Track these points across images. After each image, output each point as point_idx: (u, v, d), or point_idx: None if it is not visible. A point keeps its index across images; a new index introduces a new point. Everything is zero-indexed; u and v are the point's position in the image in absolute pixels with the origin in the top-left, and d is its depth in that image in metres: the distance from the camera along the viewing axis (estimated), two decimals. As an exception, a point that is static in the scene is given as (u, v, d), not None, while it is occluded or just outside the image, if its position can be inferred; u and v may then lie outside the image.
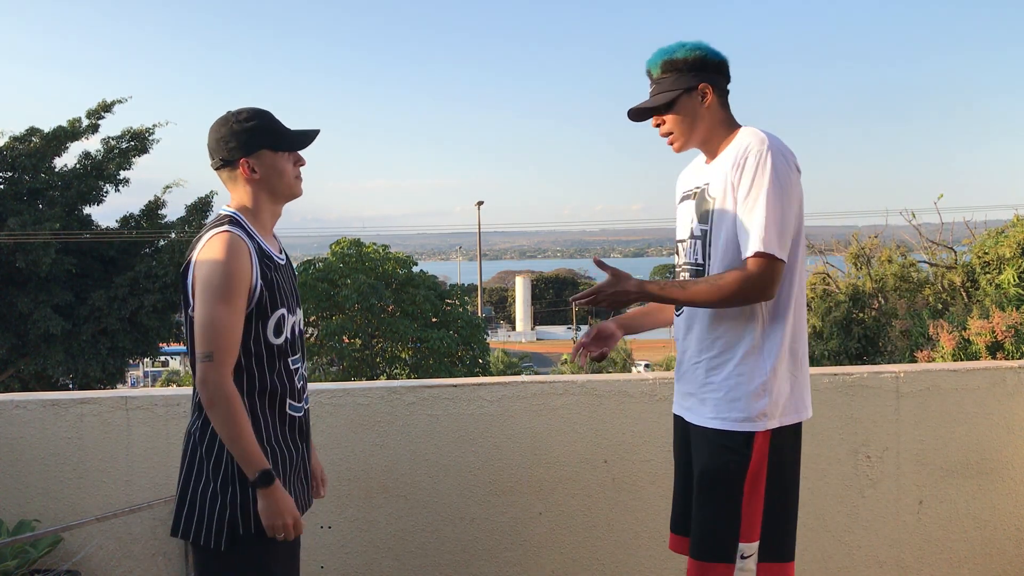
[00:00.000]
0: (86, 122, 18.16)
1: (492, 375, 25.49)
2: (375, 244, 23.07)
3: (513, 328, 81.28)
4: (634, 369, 40.94)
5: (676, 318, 2.29)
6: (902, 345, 8.11)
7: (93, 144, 18.72)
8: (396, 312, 21.60)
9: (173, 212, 19.26)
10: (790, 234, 2.05)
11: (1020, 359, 5.19)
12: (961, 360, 5.76)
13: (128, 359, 19.21)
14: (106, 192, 18.55)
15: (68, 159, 18.47)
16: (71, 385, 18.31)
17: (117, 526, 2.96)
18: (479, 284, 41.47)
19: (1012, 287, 7.21)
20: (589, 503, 3.10)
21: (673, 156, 2.28)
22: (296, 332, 2.09)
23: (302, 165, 2.10)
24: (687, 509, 2.25)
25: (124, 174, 18.52)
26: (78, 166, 18.29)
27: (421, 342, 21.31)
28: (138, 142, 18.58)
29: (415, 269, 23.26)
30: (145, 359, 25.02)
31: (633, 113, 2.24)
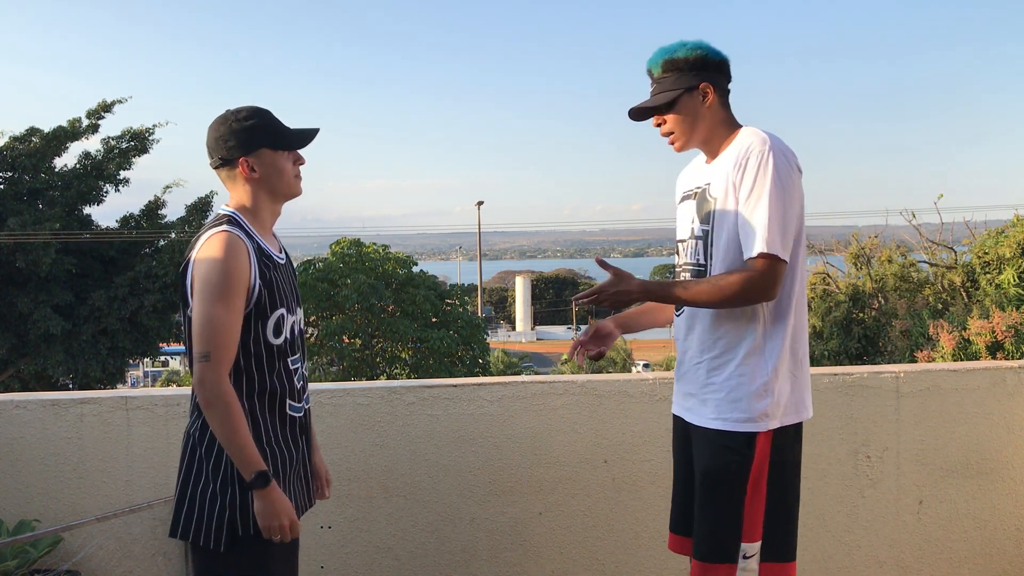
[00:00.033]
0: (86, 122, 18.16)
1: (492, 375, 25.49)
2: (375, 244, 23.08)
3: (513, 328, 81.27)
4: (633, 369, 40.94)
5: (676, 318, 2.29)
6: (902, 345, 8.11)
7: (93, 144, 18.75)
8: (396, 312, 21.61)
9: (173, 212, 19.29)
10: (792, 234, 2.05)
11: (1020, 359, 5.19)
12: (961, 360, 5.76)
13: (128, 359, 19.20)
14: (106, 192, 18.55)
15: (68, 159, 18.51)
16: (71, 385, 18.30)
17: (117, 526, 2.96)
18: (479, 284, 41.46)
19: (1012, 287, 7.21)
20: (589, 503, 3.10)
21: (673, 156, 2.27)
22: (296, 332, 2.08)
23: (302, 164, 2.09)
24: (687, 509, 2.25)
25: (124, 174, 18.53)
26: (78, 166, 18.28)
27: (421, 342, 21.32)
28: (138, 142, 18.57)
29: (415, 269, 23.27)
30: (145, 359, 25.02)
31: (634, 112, 2.24)
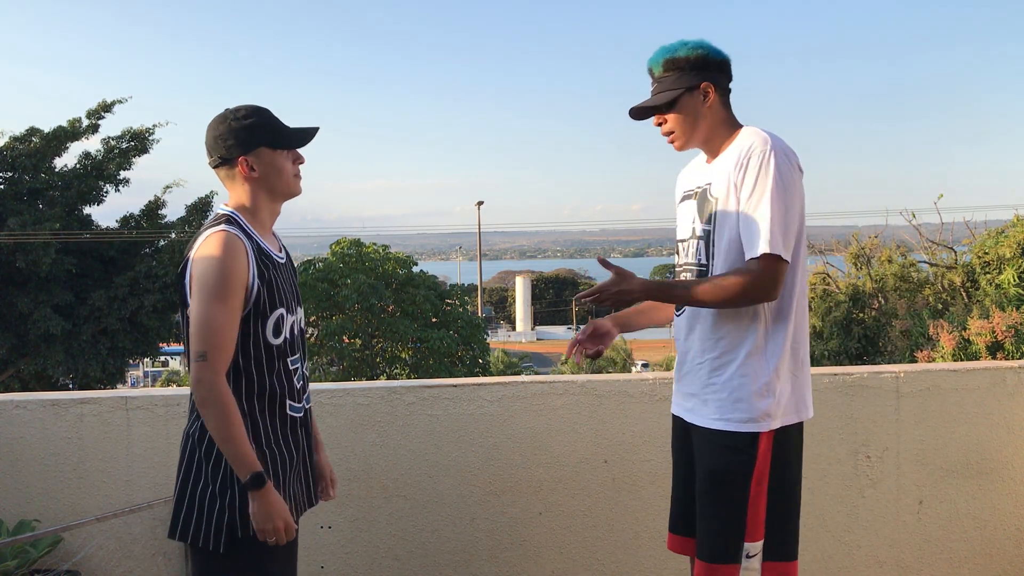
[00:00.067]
0: (86, 122, 18.16)
1: (492, 375, 25.48)
2: (375, 244, 23.08)
3: (513, 328, 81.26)
4: (633, 369, 40.94)
5: (676, 318, 2.28)
6: (902, 345, 8.11)
7: (93, 144, 18.73)
8: (396, 312, 21.61)
9: (173, 212, 19.30)
10: (793, 234, 2.05)
11: (1020, 359, 5.19)
12: (961, 360, 5.76)
13: (128, 359, 19.21)
14: (106, 192, 18.55)
15: (68, 159, 18.51)
16: (71, 385, 18.30)
17: (117, 526, 2.96)
18: (479, 284, 41.46)
19: (1012, 287, 7.21)
20: (589, 503, 3.10)
21: (673, 156, 2.27)
22: (296, 332, 2.07)
23: (301, 163, 2.07)
24: (686, 509, 2.25)
25: (124, 174, 18.53)
26: (78, 166, 18.28)
27: (421, 342, 21.33)
28: (138, 142, 18.58)
29: (415, 269, 23.28)
30: (145, 359, 25.02)
31: (635, 112, 2.24)
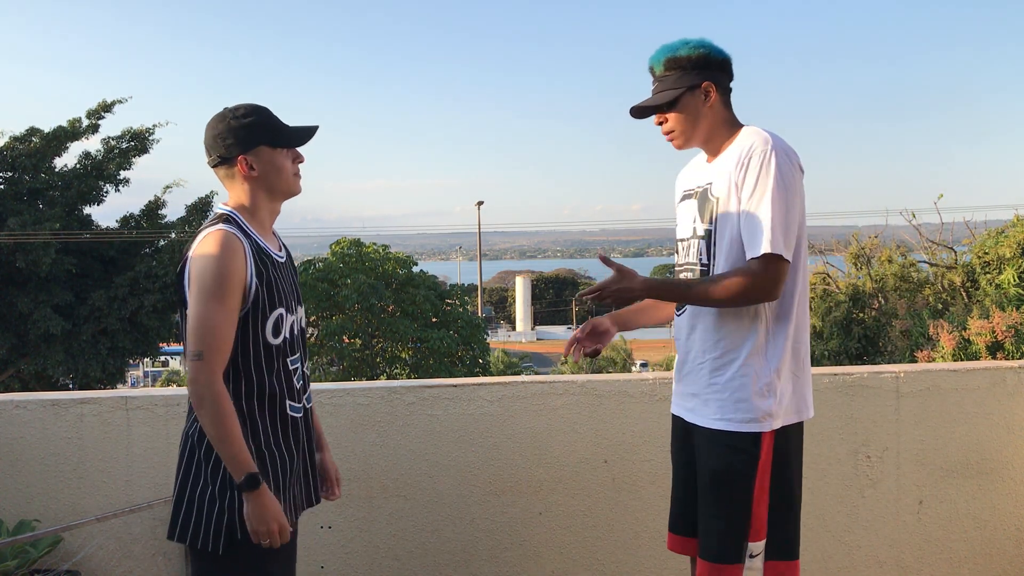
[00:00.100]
0: (86, 122, 18.15)
1: (492, 375, 25.49)
2: (375, 244, 23.09)
3: (513, 328, 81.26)
4: (632, 369, 40.94)
5: (677, 318, 2.28)
6: (902, 345, 8.11)
7: (93, 144, 18.74)
8: (396, 312, 21.62)
9: (173, 212, 19.29)
10: (794, 234, 2.05)
11: (1020, 359, 5.19)
12: (961, 360, 5.76)
13: (128, 359, 19.20)
14: (106, 192, 18.55)
15: (68, 159, 18.51)
16: (71, 385, 18.30)
17: (117, 526, 2.95)
18: (479, 284, 41.46)
19: (1012, 287, 7.21)
20: (589, 503, 3.10)
21: (673, 156, 2.28)
22: (296, 331, 2.06)
23: (301, 162, 2.06)
24: (686, 509, 2.25)
25: (124, 174, 18.53)
26: (78, 166, 18.28)
27: (421, 342, 21.33)
28: (138, 142, 18.58)
29: (415, 269, 23.29)
30: (145, 359, 25.01)
31: (635, 111, 2.23)
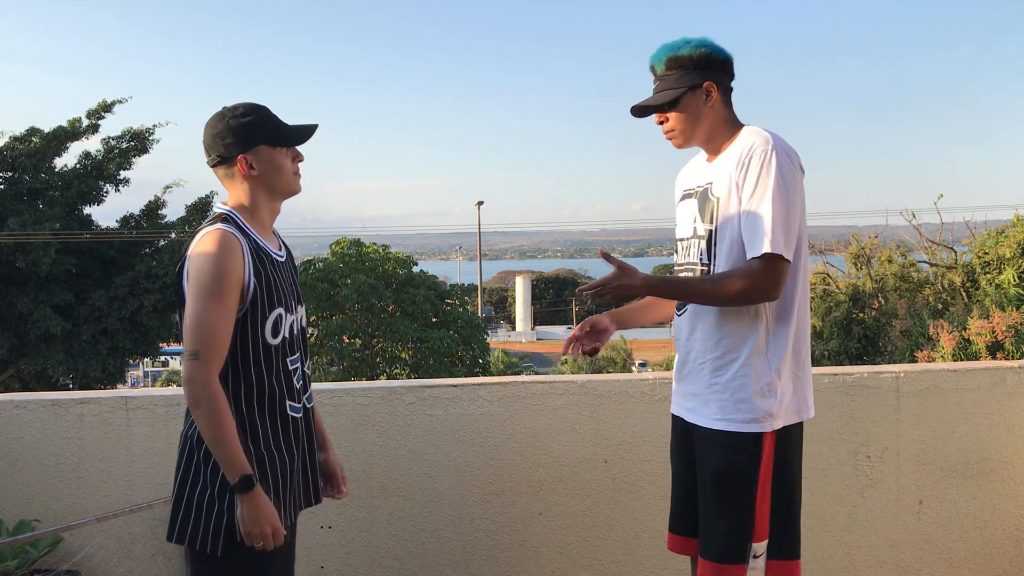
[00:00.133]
0: (86, 122, 18.16)
1: (492, 375, 25.49)
2: (375, 244, 23.10)
3: (513, 328, 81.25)
4: (633, 369, 40.95)
5: (677, 318, 2.28)
6: (902, 345, 8.11)
7: (93, 144, 18.74)
8: (396, 312, 21.63)
9: (173, 212, 19.31)
10: (795, 234, 2.05)
11: (1020, 359, 5.19)
12: (961, 360, 5.76)
13: (128, 359, 19.20)
14: (106, 192, 18.56)
15: (68, 159, 18.51)
16: (71, 385, 18.31)
17: (117, 526, 2.95)
18: (479, 284, 41.46)
19: (1012, 287, 7.21)
20: (589, 503, 3.10)
21: (673, 156, 2.28)
22: (296, 331, 2.05)
23: (300, 161, 2.05)
24: (686, 509, 2.25)
25: (124, 174, 18.53)
26: (78, 166, 18.29)
27: (421, 342, 21.34)
28: (138, 142, 18.58)
29: (415, 269, 23.30)
30: (145, 359, 25.01)
31: (636, 110, 2.23)
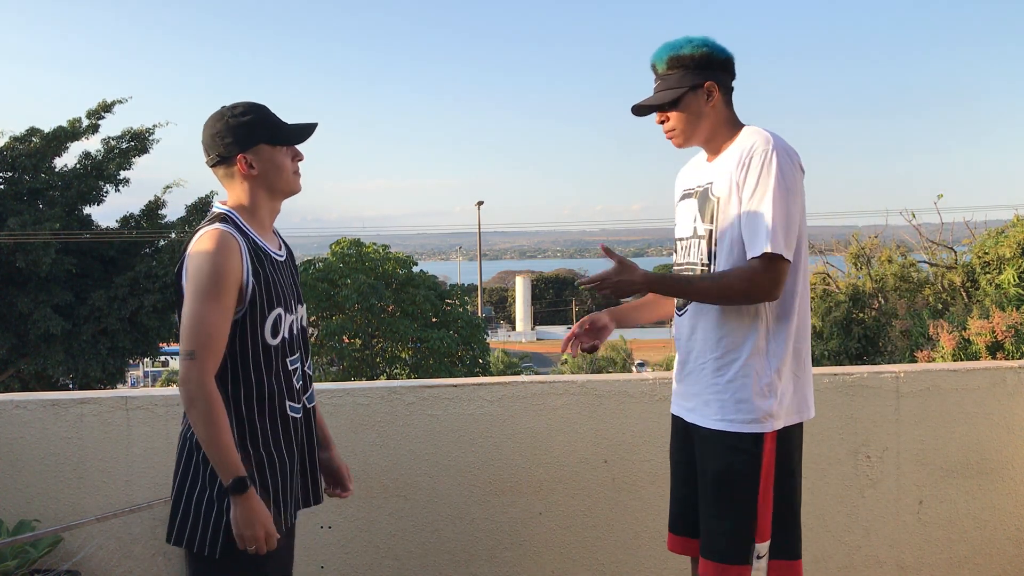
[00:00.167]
0: (86, 122, 18.16)
1: (492, 375, 25.49)
2: (375, 244, 23.10)
3: (513, 328, 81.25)
4: (632, 369, 40.95)
5: (678, 318, 2.28)
6: (902, 345, 8.11)
7: (93, 144, 18.75)
8: (396, 312, 21.63)
9: (173, 212, 19.31)
10: (795, 234, 2.05)
11: (1020, 359, 5.19)
12: (961, 360, 5.76)
13: (128, 359, 19.21)
14: (106, 192, 18.56)
15: (68, 159, 18.51)
16: (71, 385, 18.31)
17: (117, 526, 2.95)
18: (479, 284, 41.46)
19: (1012, 287, 7.22)
20: (589, 503, 3.10)
21: (673, 156, 2.28)
22: (296, 331, 2.04)
23: (300, 160, 2.04)
24: (686, 509, 2.25)
25: (124, 174, 18.53)
26: (78, 166, 18.29)
27: (421, 342, 21.34)
28: (138, 142, 18.58)
29: (415, 269, 23.30)
30: (145, 359, 25.01)
31: (637, 109, 2.23)
